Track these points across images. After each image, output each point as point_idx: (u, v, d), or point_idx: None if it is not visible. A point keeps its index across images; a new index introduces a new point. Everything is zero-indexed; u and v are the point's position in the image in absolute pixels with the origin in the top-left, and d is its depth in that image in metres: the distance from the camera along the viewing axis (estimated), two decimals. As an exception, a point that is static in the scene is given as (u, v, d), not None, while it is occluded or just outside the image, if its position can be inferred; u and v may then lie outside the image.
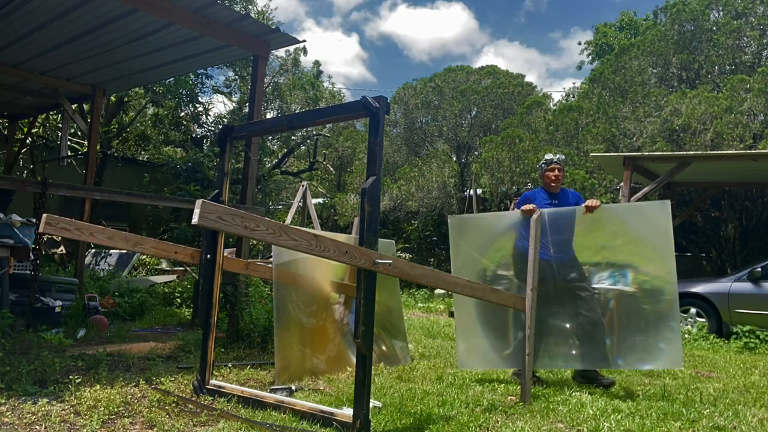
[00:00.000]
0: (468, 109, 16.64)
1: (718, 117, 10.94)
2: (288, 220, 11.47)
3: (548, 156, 4.81)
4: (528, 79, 17.84)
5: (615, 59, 14.94)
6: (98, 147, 9.72)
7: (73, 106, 8.61)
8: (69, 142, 11.39)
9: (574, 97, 19.22)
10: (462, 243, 4.74)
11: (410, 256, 16.96)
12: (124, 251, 9.80)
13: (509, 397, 4.07)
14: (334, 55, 61.01)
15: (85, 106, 8.91)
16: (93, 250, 10.59)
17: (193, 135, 17.32)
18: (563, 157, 4.73)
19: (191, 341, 5.45)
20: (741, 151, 9.12)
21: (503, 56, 73.11)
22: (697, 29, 13.91)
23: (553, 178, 4.73)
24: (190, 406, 3.49)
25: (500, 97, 16.28)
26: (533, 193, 4.80)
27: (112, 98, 13.76)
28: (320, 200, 19.15)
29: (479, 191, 14.60)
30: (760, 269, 7.74)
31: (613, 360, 4.38)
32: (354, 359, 4.13)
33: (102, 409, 3.27)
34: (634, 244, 4.43)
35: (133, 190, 11.16)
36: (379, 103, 3.19)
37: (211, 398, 3.65)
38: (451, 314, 9.89)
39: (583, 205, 4.39)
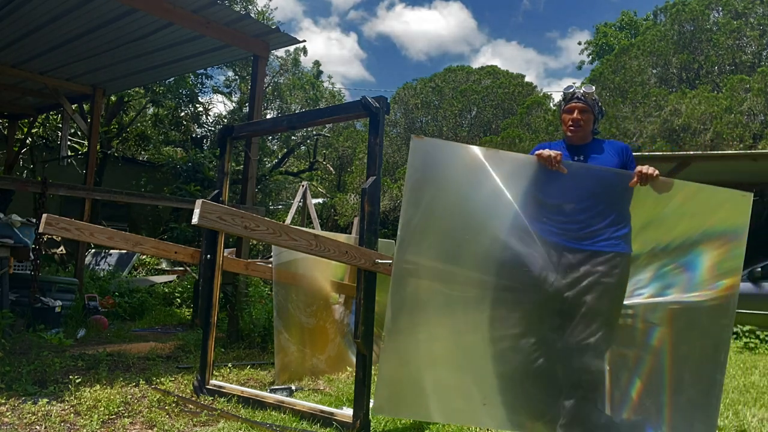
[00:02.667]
0: (468, 109, 16.66)
1: (717, 117, 10.95)
2: (288, 220, 11.45)
3: (567, 87, 3.03)
4: (526, 79, 17.85)
5: (615, 59, 14.95)
6: (98, 147, 9.72)
7: (73, 106, 8.60)
8: (69, 142, 11.39)
9: (574, 97, 19.16)
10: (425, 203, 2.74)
11: (410, 256, 16.95)
12: (124, 251, 9.80)
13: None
14: (332, 55, 60.99)
15: (85, 106, 8.89)
16: (93, 250, 10.59)
17: (193, 135, 17.32)
18: (591, 88, 2.96)
19: (191, 341, 5.45)
20: (741, 151, 9.12)
21: (501, 56, 73.13)
22: (697, 29, 13.92)
23: (570, 122, 2.94)
24: (190, 406, 3.48)
25: (500, 97, 16.30)
26: (549, 145, 2.99)
27: (112, 98, 13.75)
28: (320, 200, 19.15)
29: (479, 191, 14.58)
30: (760, 269, 7.73)
31: None
32: (354, 359, 4.13)
33: (102, 409, 3.27)
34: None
35: (133, 190, 11.17)
36: (379, 103, 3.20)
37: (211, 398, 3.65)
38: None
39: (635, 171, 2.72)
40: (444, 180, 2.75)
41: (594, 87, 3.01)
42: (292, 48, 18.45)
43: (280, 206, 17.96)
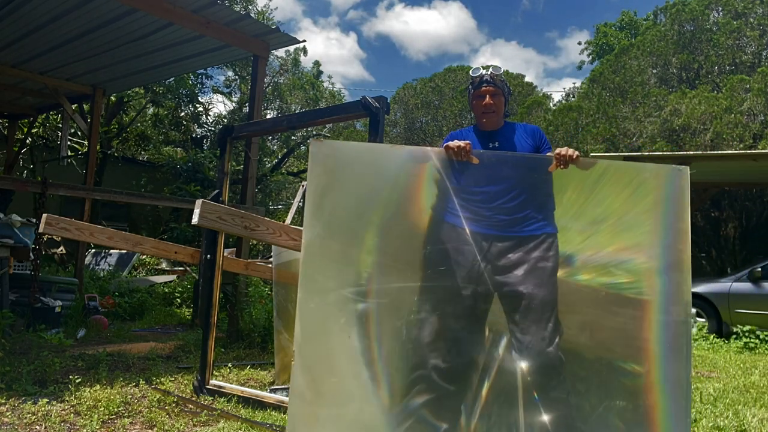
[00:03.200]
0: (468, 109, 16.66)
1: (717, 117, 10.95)
2: (288, 220, 11.45)
3: (474, 71, 2.89)
4: (526, 79, 17.88)
5: (615, 59, 14.96)
6: (98, 147, 9.72)
7: (73, 106, 8.61)
8: (69, 142, 11.39)
9: (574, 97, 19.24)
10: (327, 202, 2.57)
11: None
12: (124, 251, 9.80)
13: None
14: (331, 55, 60.98)
15: (85, 106, 8.90)
16: (93, 250, 10.59)
17: (193, 135, 17.32)
18: (499, 70, 2.83)
19: (191, 341, 5.46)
20: (741, 151, 9.12)
21: (500, 56, 73.15)
22: (697, 29, 13.92)
23: (482, 108, 2.82)
24: (190, 406, 3.49)
25: (500, 97, 16.32)
26: (460, 133, 2.92)
27: (112, 98, 13.76)
28: (320, 200, 19.08)
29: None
30: (760, 269, 7.74)
31: None
32: (354, 359, 4.12)
33: (102, 409, 3.27)
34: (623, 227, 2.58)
35: (133, 190, 11.18)
36: (379, 103, 3.19)
37: (211, 398, 3.65)
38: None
39: (552, 154, 2.60)
40: (348, 183, 2.58)
41: (502, 68, 2.86)
42: (292, 48, 18.45)
43: (280, 206, 17.96)
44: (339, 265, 2.54)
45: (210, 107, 17.80)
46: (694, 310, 8.13)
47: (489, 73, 2.81)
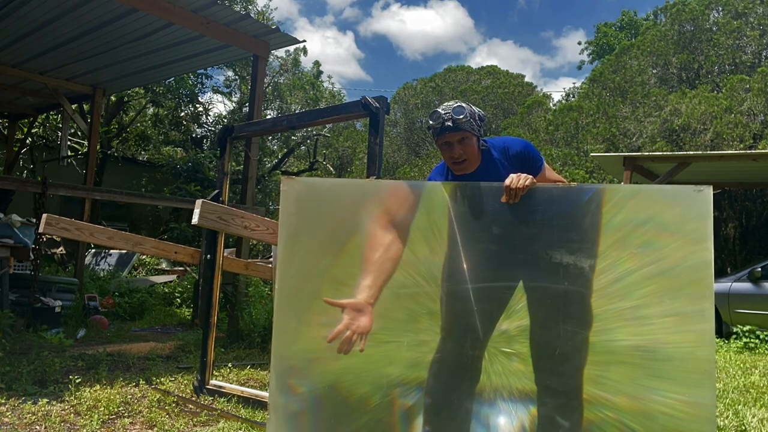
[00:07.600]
0: (468, 108, 16.68)
1: (717, 117, 10.95)
2: (288, 220, 11.45)
3: (432, 115, 2.38)
4: (525, 79, 17.91)
5: (615, 59, 14.97)
6: (98, 147, 9.72)
7: (73, 106, 8.61)
8: (69, 142, 11.39)
9: (574, 97, 19.25)
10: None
11: (410, 256, 16.93)
12: (124, 251, 9.80)
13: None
14: (328, 54, 61.06)
15: (85, 106, 8.91)
16: (93, 250, 10.59)
17: (193, 135, 17.31)
18: (461, 112, 2.30)
19: (191, 341, 5.46)
20: (741, 151, 9.12)
21: (497, 55, 73.43)
22: (697, 29, 13.93)
23: (452, 160, 2.39)
24: (190, 406, 3.49)
25: (500, 97, 16.31)
26: (439, 168, 2.59)
27: (112, 98, 13.76)
28: (320, 200, 19.04)
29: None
30: (760, 269, 7.73)
31: None
32: (354, 359, 4.11)
33: (102, 409, 3.27)
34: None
35: (133, 190, 11.18)
36: (379, 103, 3.19)
37: (211, 398, 3.65)
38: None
39: (505, 183, 2.19)
40: (323, 224, 2.38)
41: (464, 108, 2.32)
42: (292, 48, 18.44)
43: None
44: (313, 314, 2.34)
45: (210, 107, 17.80)
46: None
47: (450, 116, 2.30)
